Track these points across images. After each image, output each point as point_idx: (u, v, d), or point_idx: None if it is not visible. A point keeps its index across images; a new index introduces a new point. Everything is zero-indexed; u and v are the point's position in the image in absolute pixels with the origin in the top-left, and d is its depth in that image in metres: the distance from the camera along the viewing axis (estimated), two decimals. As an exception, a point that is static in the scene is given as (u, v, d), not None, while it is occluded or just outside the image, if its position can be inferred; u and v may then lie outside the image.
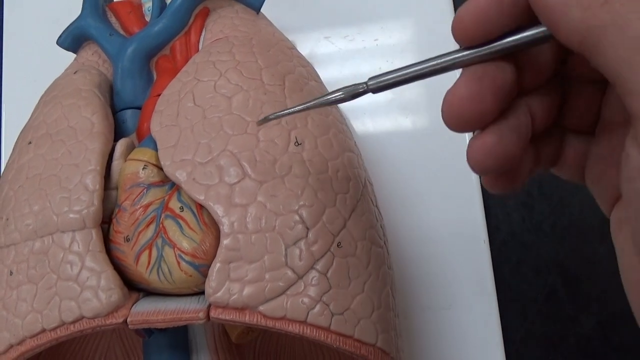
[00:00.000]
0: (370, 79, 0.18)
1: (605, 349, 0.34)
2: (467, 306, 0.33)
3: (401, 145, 0.36)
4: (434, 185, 0.35)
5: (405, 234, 0.34)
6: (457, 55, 0.17)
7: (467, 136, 0.35)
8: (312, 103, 0.19)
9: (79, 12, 0.30)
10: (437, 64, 0.17)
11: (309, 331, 0.21)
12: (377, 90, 0.18)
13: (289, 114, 0.20)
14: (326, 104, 0.19)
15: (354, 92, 0.18)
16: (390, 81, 0.18)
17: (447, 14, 0.38)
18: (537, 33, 0.16)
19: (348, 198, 0.23)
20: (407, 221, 0.35)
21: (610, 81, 0.14)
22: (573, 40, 0.14)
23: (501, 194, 0.18)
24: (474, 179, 0.35)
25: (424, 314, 0.34)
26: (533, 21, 0.16)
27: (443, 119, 0.17)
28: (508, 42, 0.16)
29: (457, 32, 0.17)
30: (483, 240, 0.34)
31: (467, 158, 0.18)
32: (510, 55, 0.17)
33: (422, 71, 0.17)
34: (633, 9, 0.13)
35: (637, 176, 0.14)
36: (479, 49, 0.17)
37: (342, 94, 0.18)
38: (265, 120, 0.21)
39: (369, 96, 0.37)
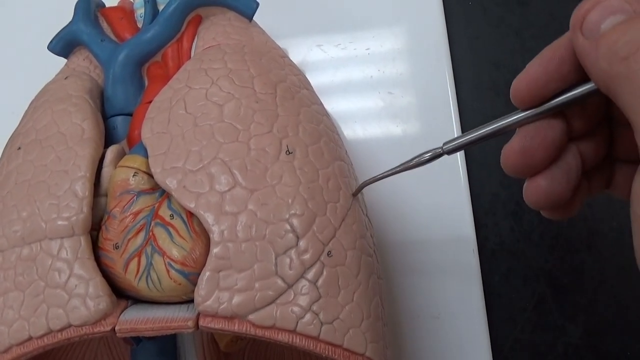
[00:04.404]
0: (445, 143, 0.21)
1: (593, 357, 0.34)
2: (455, 315, 0.33)
3: (392, 153, 0.36)
4: (424, 194, 0.35)
5: (395, 243, 0.35)
6: (516, 117, 0.20)
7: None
8: (399, 168, 0.23)
9: (70, 17, 0.30)
10: (499, 126, 0.20)
11: (298, 340, 0.21)
12: (451, 152, 0.21)
13: (380, 178, 0.23)
14: (411, 167, 0.22)
15: (434, 155, 0.22)
16: (462, 144, 0.21)
17: (438, 23, 0.38)
18: (582, 90, 0.18)
19: (338, 207, 0.23)
20: (397, 230, 0.35)
21: (629, 121, 0.16)
22: (602, 87, 0.17)
23: (559, 219, 0.21)
24: (463, 188, 0.35)
25: (412, 323, 0.34)
26: (580, 80, 0.18)
27: (502, 166, 0.20)
28: (557, 102, 0.19)
29: (514, 98, 0.19)
30: (472, 249, 0.34)
31: (524, 197, 0.20)
32: (560, 111, 0.19)
33: (486, 133, 0.20)
34: None
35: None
36: (534, 110, 0.19)
37: (425, 158, 0.22)
38: (361, 188, 0.24)
39: (359, 102, 0.37)
